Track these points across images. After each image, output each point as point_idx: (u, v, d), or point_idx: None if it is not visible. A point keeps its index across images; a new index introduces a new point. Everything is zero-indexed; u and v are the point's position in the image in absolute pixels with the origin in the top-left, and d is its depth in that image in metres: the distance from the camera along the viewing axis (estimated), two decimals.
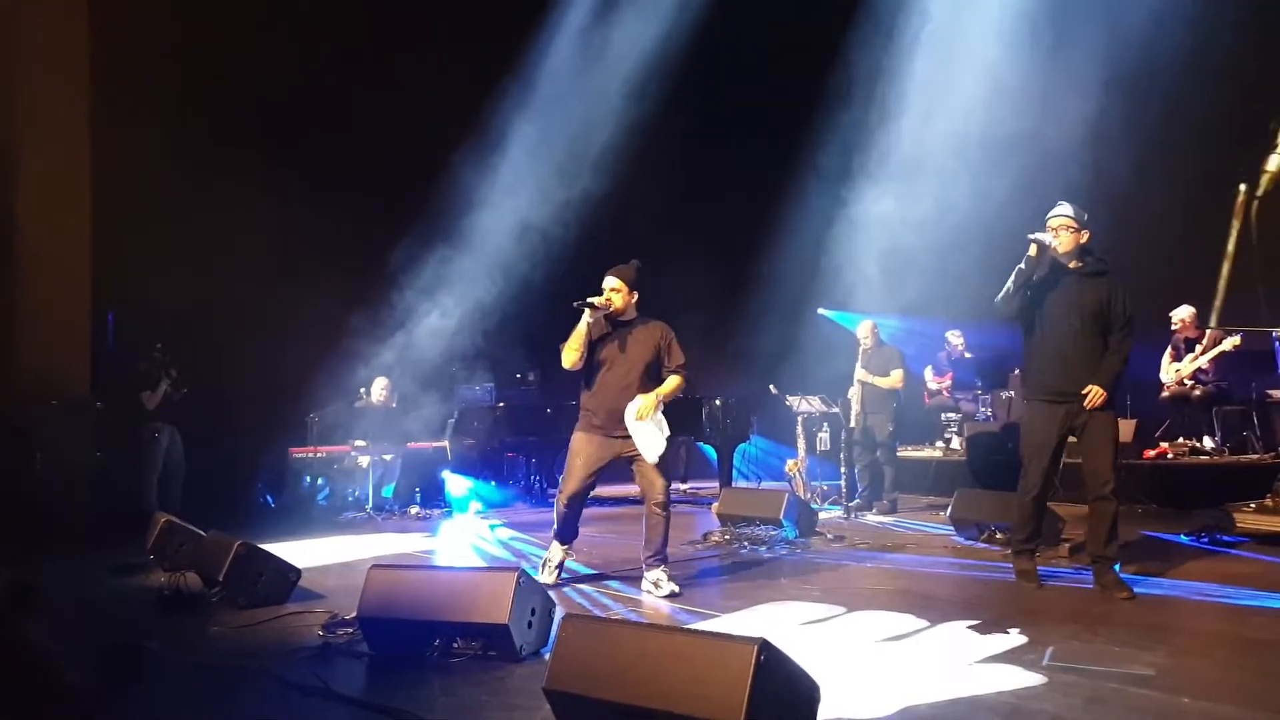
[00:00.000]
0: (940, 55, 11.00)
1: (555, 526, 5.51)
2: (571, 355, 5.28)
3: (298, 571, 5.24)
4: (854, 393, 8.78)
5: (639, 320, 5.46)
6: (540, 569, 5.49)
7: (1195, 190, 10.40)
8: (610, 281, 5.40)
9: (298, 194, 9.49)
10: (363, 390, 10.03)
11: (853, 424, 8.72)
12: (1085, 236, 4.95)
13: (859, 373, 8.77)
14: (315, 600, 5.13)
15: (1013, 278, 5.01)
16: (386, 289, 10.30)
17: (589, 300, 5.25)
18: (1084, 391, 4.84)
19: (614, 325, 5.38)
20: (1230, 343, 8.39)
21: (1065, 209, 4.95)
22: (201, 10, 9.80)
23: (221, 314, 9.70)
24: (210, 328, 9.51)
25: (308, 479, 9.79)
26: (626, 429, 5.18)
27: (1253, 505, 6.39)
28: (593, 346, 5.33)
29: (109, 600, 5.51)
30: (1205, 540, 6.31)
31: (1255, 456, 8.29)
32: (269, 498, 9.83)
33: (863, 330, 8.94)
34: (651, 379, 5.32)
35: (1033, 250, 4.90)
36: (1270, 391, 8.60)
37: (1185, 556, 5.94)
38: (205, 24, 9.75)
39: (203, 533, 5.68)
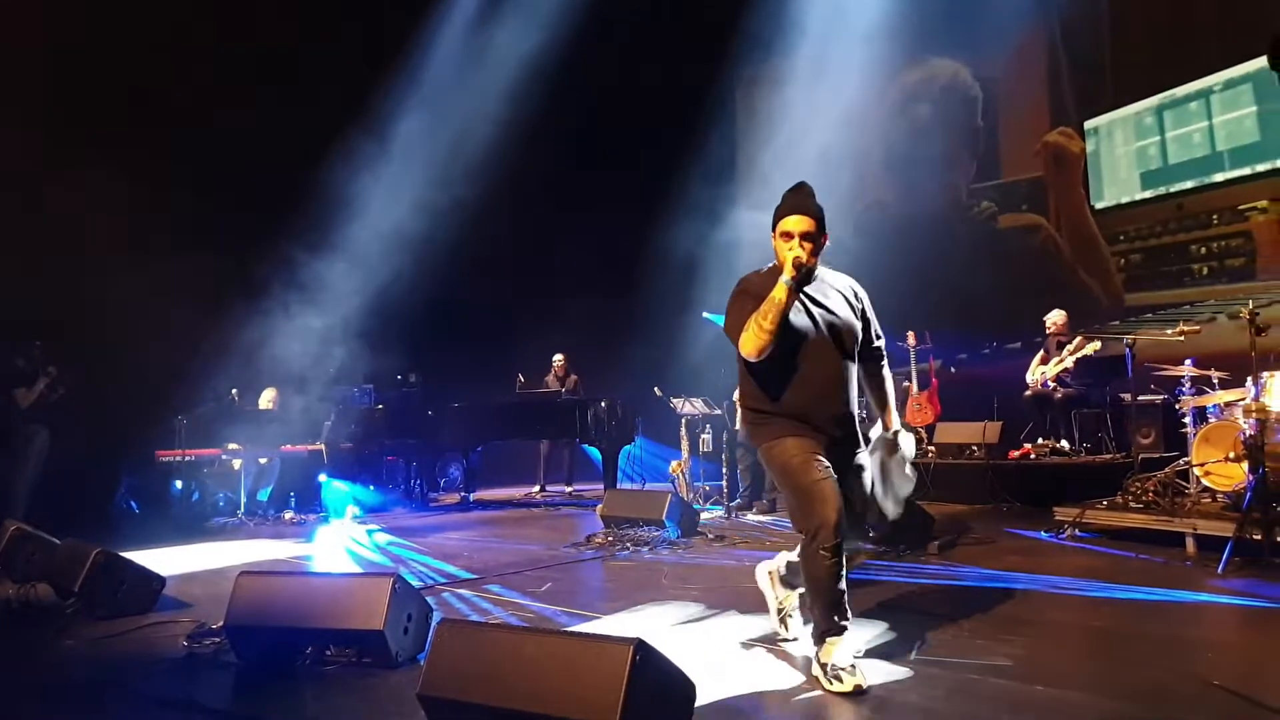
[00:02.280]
0: (814, 72, 11.38)
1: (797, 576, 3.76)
2: (761, 338, 3.37)
3: (162, 580, 5.04)
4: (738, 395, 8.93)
5: (823, 272, 3.68)
6: (779, 624, 3.99)
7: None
8: (797, 223, 3.47)
9: (160, 187, 9.12)
10: (234, 391, 9.68)
11: (737, 425, 8.86)
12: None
13: None
14: (181, 610, 4.93)
15: None
16: (260, 287, 9.96)
17: (794, 271, 3.37)
18: None
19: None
20: (1092, 347, 8.90)
21: None
22: None
23: (78, 312, 9.20)
24: (65, 325, 9.02)
25: (177, 483, 9.40)
26: (843, 432, 3.59)
27: (1105, 503, 6.76)
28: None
29: None
30: (1063, 536, 6.64)
31: (1109, 456, 8.76)
32: (133, 503, 9.39)
33: None
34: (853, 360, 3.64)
35: None
36: (1123, 395, 9.11)
37: (1044, 552, 6.24)
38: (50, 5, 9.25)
39: (57, 541, 5.39)
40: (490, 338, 12.58)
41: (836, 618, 3.38)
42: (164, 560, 5.86)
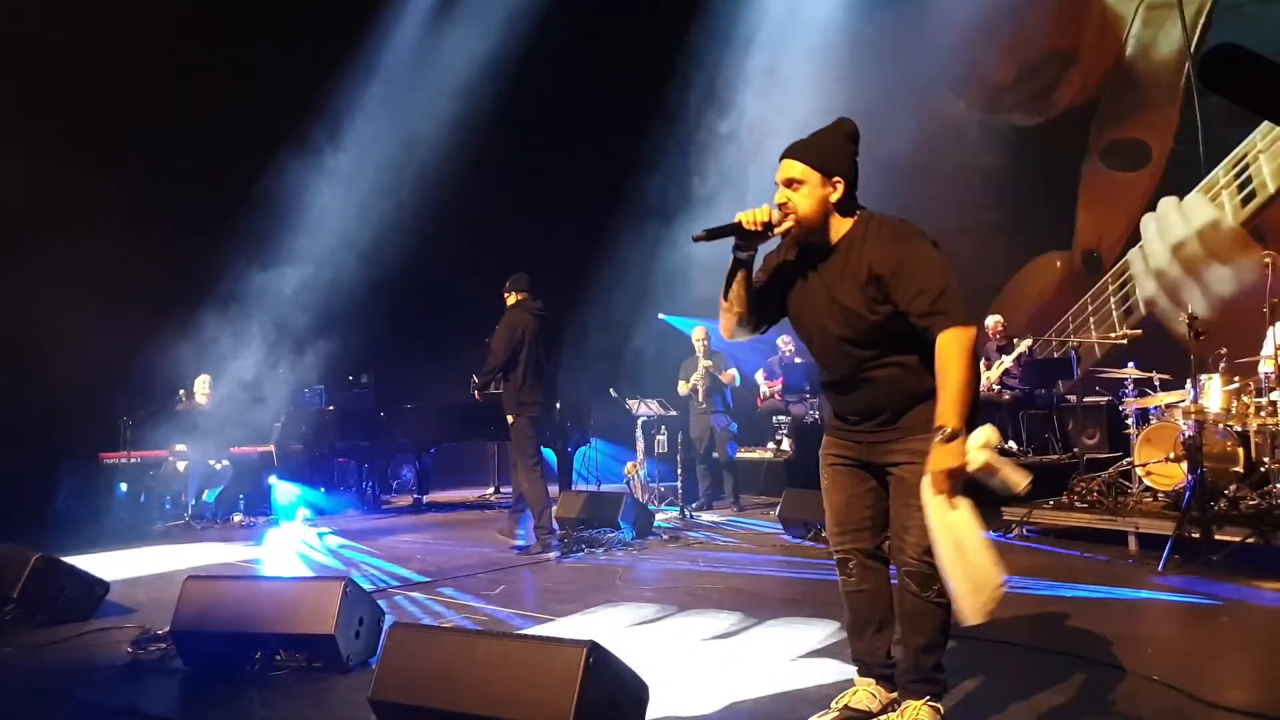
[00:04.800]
0: (769, 71, 11.44)
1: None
2: (723, 318, 2.99)
3: (105, 585, 4.93)
4: (697, 378, 9.11)
5: (856, 235, 2.80)
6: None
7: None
8: (779, 170, 2.85)
9: (104, 184, 8.92)
10: (182, 392, 9.51)
11: (701, 400, 9.09)
12: None
13: (703, 362, 9.11)
14: (124, 615, 4.82)
15: None
16: (208, 286, 9.79)
17: (720, 228, 2.85)
18: None
19: (805, 252, 2.90)
20: (1025, 344, 9.11)
21: None
22: None
23: (17, 311, 8.98)
24: (2, 325, 8.80)
25: (122, 486, 9.20)
26: (866, 423, 2.93)
27: (1051, 503, 6.89)
28: (781, 298, 2.98)
29: None
30: (1011, 535, 6.75)
31: (1055, 457, 8.92)
32: (74, 506, 9.17)
33: (697, 334, 9.28)
34: (895, 345, 2.77)
35: None
36: (1068, 396, 9.28)
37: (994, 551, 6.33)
38: None
39: None
40: (443, 338, 12.48)
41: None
42: (107, 565, 5.75)
